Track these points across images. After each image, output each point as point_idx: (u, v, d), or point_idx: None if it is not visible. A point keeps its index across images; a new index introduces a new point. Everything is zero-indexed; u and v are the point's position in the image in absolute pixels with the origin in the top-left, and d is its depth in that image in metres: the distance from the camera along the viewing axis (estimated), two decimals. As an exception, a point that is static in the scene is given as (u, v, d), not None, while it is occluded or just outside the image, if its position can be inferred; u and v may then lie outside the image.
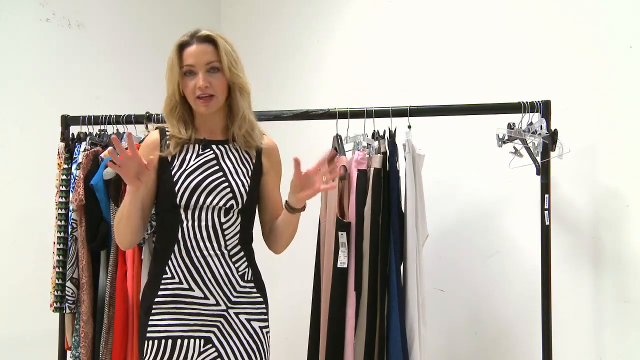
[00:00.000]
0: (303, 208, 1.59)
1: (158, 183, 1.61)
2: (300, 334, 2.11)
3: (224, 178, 1.59)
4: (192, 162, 1.59)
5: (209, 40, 1.57)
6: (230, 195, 1.58)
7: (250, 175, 1.63)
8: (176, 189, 1.56)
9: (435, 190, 2.25)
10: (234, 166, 1.62)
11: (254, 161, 1.66)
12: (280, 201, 1.71)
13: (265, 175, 1.68)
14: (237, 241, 1.60)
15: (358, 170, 1.88)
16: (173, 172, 1.58)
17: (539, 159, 1.87)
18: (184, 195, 1.56)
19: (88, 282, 2.05)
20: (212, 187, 1.57)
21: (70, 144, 2.24)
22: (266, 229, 1.71)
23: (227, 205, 1.58)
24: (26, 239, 2.66)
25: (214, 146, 1.63)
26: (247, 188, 1.61)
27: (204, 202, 1.56)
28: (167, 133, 1.64)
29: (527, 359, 2.12)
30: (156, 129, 1.68)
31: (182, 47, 1.58)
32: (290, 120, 2.04)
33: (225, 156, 1.63)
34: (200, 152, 1.62)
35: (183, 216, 1.57)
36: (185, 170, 1.58)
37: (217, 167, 1.60)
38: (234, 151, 1.64)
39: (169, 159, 1.60)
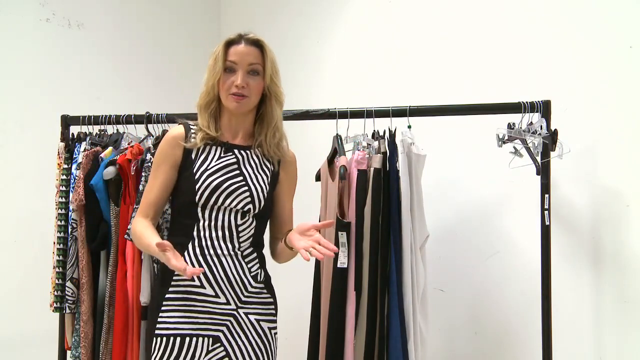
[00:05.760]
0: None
1: (178, 180, 1.63)
2: (300, 334, 2.11)
3: (243, 182, 1.61)
4: (213, 164, 1.61)
5: (257, 44, 1.61)
6: (249, 199, 1.60)
7: (269, 182, 1.65)
8: (196, 187, 1.57)
9: (435, 190, 2.25)
10: (254, 172, 1.64)
11: (273, 169, 1.68)
12: (290, 215, 1.74)
13: (279, 185, 1.70)
14: (250, 243, 1.63)
15: (358, 170, 1.88)
16: (194, 170, 1.59)
17: (539, 159, 1.87)
18: (204, 195, 1.57)
19: (88, 282, 2.05)
20: (231, 189, 1.59)
21: (70, 144, 2.24)
22: (271, 239, 1.74)
23: (245, 209, 1.60)
24: (26, 239, 2.66)
25: (236, 150, 1.65)
26: (266, 194, 1.63)
27: (222, 203, 1.58)
28: (192, 128, 1.66)
29: (527, 359, 2.12)
30: (180, 124, 1.69)
31: (229, 44, 1.61)
32: (290, 120, 2.04)
33: (246, 161, 1.64)
34: (222, 155, 1.63)
35: (200, 215, 1.58)
36: (206, 170, 1.60)
37: (237, 172, 1.62)
38: (254, 157, 1.66)
39: (193, 156, 1.62)
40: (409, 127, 1.94)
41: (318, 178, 2.04)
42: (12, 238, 2.64)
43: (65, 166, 2.20)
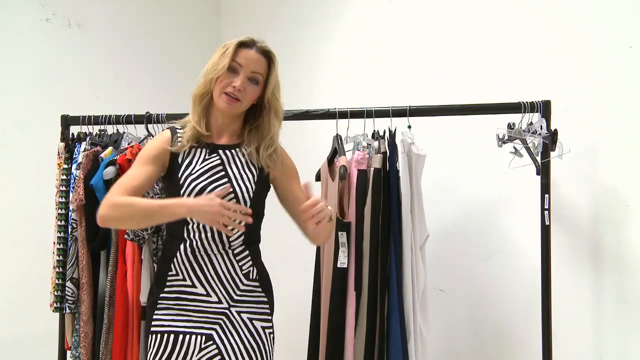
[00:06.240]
0: (330, 218, 1.55)
1: (167, 183, 1.65)
2: (300, 334, 2.11)
3: (228, 184, 1.60)
4: (197, 167, 1.61)
5: (267, 55, 1.62)
6: (234, 201, 1.59)
7: (255, 180, 1.64)
8: (181, 192, 1.58)
9: (435, 190, 2.25)
10: (239, 172, 1.63)
11: (259, 166, 1.66)
12: (305, 198, 1.69)
13: (276, 181, 1.69)
14: (241, 242, 1.62)
15: (358, 170, 1.88)
16: (179, 175, 1.60)
17: (539, 159, 1.87)
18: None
19: (88, 282, 2.05)
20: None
21: (70, 144, 2.24)
22: (300, 226, 1.67)
23: None
24: (26, 239, 2.66)
25: (220, 151, 1.64)
26: (252, 194, 1.61)
27: None
28: (178, 131, 1.66)
29: (527, 359, 2.12)
30: (168, 128, 1.70)
31: (241, 45, 1.61)
32: (290, 120, 2.05)
33: (231, 161, 1.64)
34: (207, 157, 1.63)
35: (189, 217, 1.58)
36: (190, 174, 1.60)
37: (222, 173, 1.62)
38: (240, 156, 1.65)
39: (179, 160, 1.62)
40: (409, 127, 1.94)
41: (318, 178, 2.04)
42: (12, 238, 2.64)
43: (65, 166, 2.20)
